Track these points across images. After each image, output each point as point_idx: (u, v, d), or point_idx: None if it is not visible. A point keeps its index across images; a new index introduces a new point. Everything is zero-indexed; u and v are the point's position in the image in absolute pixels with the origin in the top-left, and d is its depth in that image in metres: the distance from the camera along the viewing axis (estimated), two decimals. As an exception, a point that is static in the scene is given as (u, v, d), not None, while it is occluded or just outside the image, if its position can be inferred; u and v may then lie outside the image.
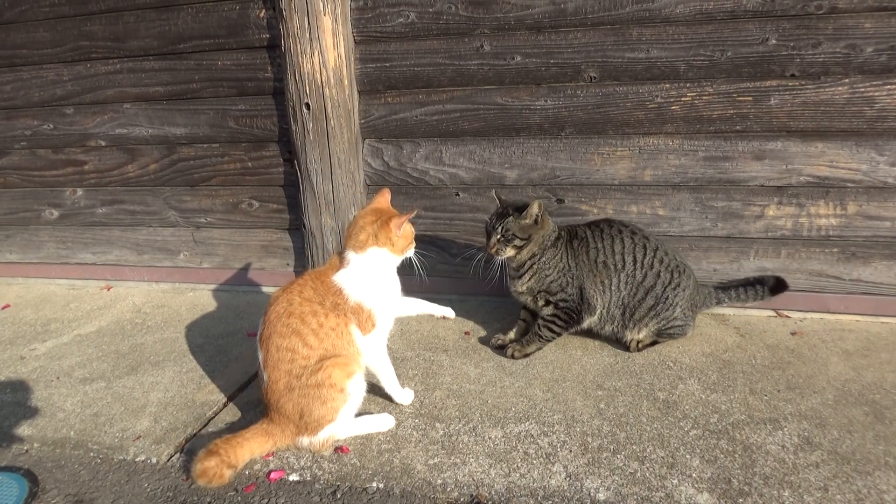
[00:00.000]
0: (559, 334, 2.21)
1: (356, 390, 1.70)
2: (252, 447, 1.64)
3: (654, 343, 2.22)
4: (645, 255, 2.13)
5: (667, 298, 2.12)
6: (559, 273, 2.14)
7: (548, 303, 2.18)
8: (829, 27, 2.16)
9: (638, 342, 2.20)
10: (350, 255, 1.77)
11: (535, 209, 2.08)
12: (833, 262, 2.42)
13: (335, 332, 1.71)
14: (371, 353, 1.81)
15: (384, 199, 1.91)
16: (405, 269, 1.91)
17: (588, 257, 2.14)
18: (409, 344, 2.37)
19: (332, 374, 1.64)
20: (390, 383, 1.89)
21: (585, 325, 2.20)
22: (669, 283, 2.12)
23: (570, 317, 2.16)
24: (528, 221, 2.09)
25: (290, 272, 3.04)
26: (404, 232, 1.81)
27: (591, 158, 2.51)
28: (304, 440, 1.68)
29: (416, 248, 1.91)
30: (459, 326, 2.51)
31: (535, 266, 2.15)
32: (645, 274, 2.12)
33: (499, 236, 2.10)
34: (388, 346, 1.88)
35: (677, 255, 2.21)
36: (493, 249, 2.12)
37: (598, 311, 2.17)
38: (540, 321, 2.21)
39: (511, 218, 2.09)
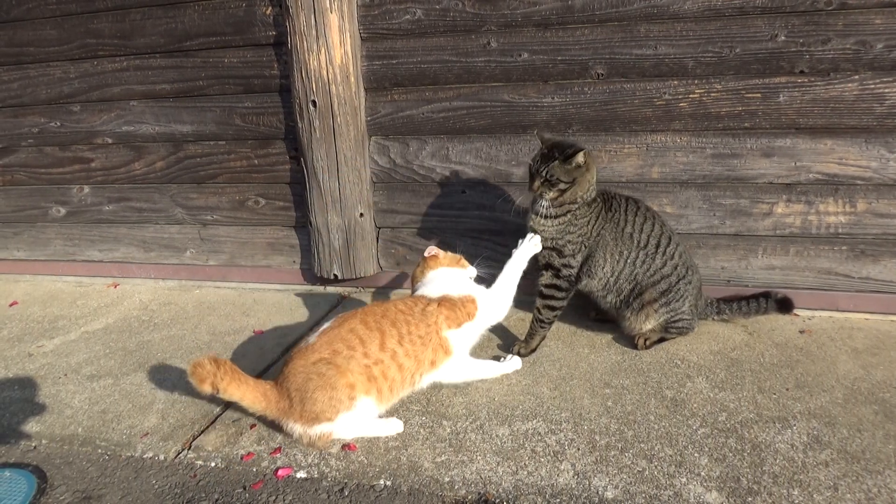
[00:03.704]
0: (560, 309, 2.20)
1: (364, 409, 1.70)
2: (245, 392, 1.66)
3: (661, 340, 2.22)
4: (669, 245, 2.14)
5: (679, 290, 2.12)
6: (579, 235, 2.12)
7: (548, 266, 2.16)
8: (838, 23, 2.14)
9: (645, 339, 2.19)
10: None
11: (580, 159, 2.02)
12: (842, 260, 2.41)
13: (419, 341, 1.81)
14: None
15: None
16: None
17: (616, 227, 2.14)
18: (416, 341, 2.36)
19: (356, 385, 1.67)
20: (492, 371, 2.06)
21: (584, 286, 2.21)
22: (684, 276, 2.14)
23: (570, 283, 2.17)
24: (573, 166, 2.04)
25: (296, 269, 3.04)
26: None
27: (599, 155, 2.50)
28: (297, 428, 1.67)
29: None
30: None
31: (569, 214, 2.11)
32: (665, 262, 2.13)
33: (543, 179, 2.04)
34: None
35: (691, 255, 2.25)
36: (538, 192, 2.07)
37: (603, 278, 2.16)
38: (539, 302, 2.19)
39: (556, 163, 2.02)
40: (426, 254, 2.12)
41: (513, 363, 2.09)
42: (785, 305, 2.31)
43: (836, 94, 2.22)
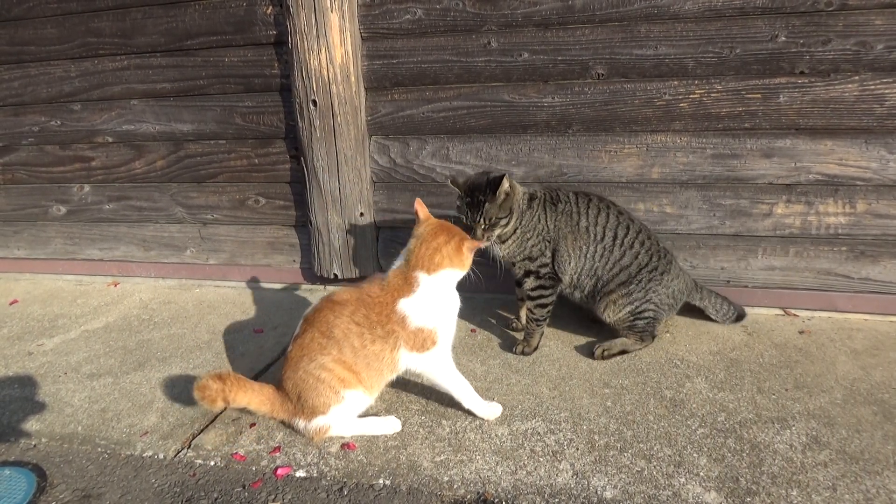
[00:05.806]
0: (550, 305, 2.20)
1: (354, 401, 1.73)
2: (251, 398, 1.73)
3: (622, 352, 2.17)
4: (627, 234, 2.14)
5: (640, 280, 2.12)
6: (539, 237, 2.15)
7: (528, 273, 2.19)
8: (839, 24, 2.14)
9: (603, 350, 2.16)
10: (421, 275, 1.74)
11: (506, 186, 2.03)
12: (842, 260, 2.41)
13: (374, 356, 1.72)
14: (434, 370, 1.78)
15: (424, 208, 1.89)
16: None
17: (570, 220, 2.15)
18: (416, 341, 2.36)
19: (334, 383, 1.69)
20: (466, 398, 1.81)
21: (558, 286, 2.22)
22: (646, 265, 2.13)
23: (553, 280, 2.18)
24: (502, 198, 2.06)
25: (296, 269, 3.04)
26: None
27: (599, 156, 2.50)
28: (301, 423, 1.74)
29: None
30: (465, 324, 2.50)
31: (517, 231, 2.15)
32: (623, 252, 2.13)
33: (483, 226, 2.06)
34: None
35: (660, 241, 2.23)
36: (486, 238, 2.09)
37: (569, 275, 2.18)
38: (529, 304, 2.21)
39: (487, 204, 2.03)
40: (471, 251, 1.79)
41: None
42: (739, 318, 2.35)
43: (836, 94, 2.22)
